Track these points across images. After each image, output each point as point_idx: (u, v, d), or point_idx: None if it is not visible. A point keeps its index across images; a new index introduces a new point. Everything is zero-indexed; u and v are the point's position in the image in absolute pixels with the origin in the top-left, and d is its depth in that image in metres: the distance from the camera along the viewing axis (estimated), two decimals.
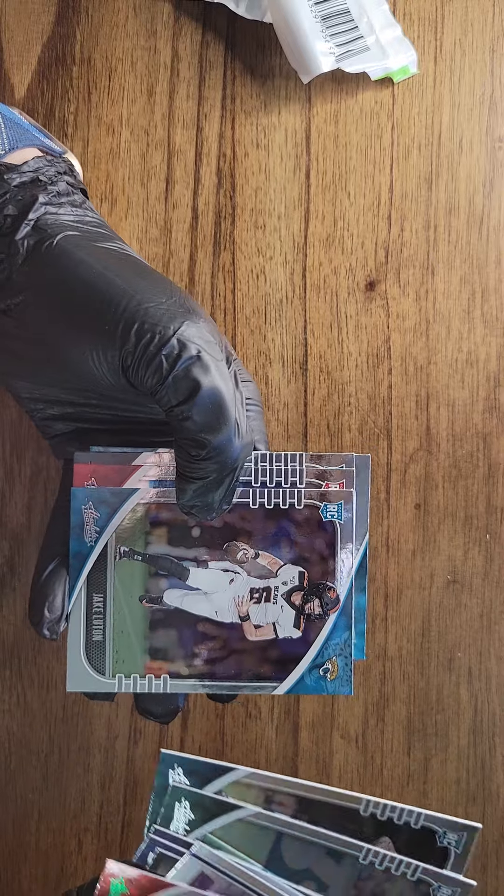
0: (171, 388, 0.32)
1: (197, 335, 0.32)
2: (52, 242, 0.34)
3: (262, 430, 0.38)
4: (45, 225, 0.35)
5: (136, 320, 0.32)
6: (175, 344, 0.32)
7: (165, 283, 0.34)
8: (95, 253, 0.34)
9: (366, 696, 0.45)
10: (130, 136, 0.45)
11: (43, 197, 0.35)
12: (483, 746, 0.45)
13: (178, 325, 0.32)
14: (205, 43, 0.45)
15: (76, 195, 0.37)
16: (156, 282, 0.34)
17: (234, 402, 0.33)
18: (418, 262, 0.45)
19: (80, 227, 0.36)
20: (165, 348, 0.32)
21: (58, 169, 0.37)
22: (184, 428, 0.32)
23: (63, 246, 0.34)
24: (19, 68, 0.44)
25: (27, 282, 0.34)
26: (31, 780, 0.45)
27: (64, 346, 0.34)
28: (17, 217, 0.35)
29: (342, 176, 0.45)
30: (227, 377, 0.33)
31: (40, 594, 0.37)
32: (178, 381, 0.32)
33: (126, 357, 0.32)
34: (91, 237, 0.35)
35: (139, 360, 0.32)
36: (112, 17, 0.45)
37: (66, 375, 0.36)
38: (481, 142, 0.45)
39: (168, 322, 0.32)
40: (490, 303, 0.45)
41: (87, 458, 0.37)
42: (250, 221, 0.45)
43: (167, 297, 0.33)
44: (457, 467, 0.45)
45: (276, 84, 0.45)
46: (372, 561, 0.45)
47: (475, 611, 0.45)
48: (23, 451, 0.44)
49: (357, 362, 0.45)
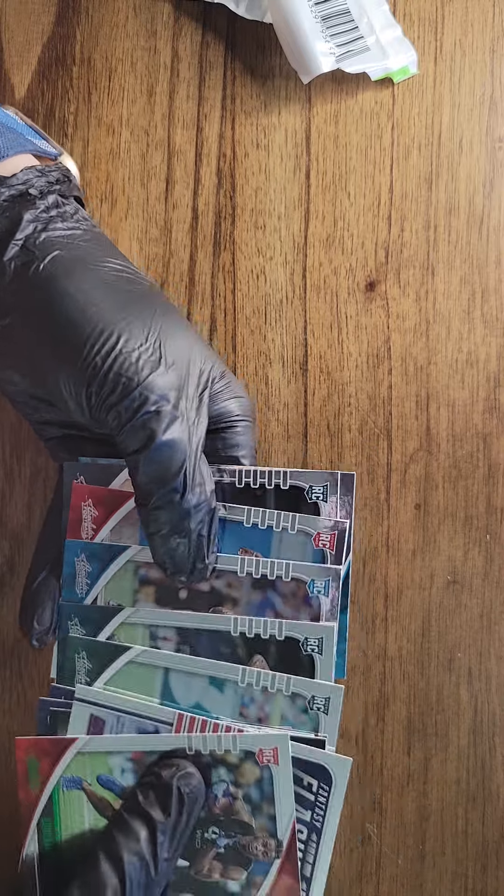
0: (127, 436, 0.33)
1: (161, 386, 0.33)
2: (39, 266, 0.34)
3: (250, 444, 0.38)
4: (33, 245, 0.35)
5: (104, 366, 0.33)
6: (136, 396, 0.32)
7: (148, 313, 0.34)
8: (80, 280, 0.34)
9: (366, 696, 0.45)
10: (130, 137, 0.45)
11: (30, 214, 0.35)
12: (483, 746, 0.45)
13: (143, 377, 0.33)
14: (205, 43, 0.45)
15: (68, 206, 0.37)
16: (138, 313, 0.34)
17: (189, 455, 0.33)
18: (418, 262, 0.45)
19: (70, 244, 0.35)
20: (126, 400, 0.32)
21: (49, 179, 0.37)
22: (135, 476, 0.33)
23: (50, 271, 0.34)
24: (19, 68, 0.44)
25: (15, 304, 0.35)
26: None
27: (44, 370, 0.35)
28: (4, 234, 0.35)
29: (342, 176, 0.45)
30: (186, 430, 0.33)
31: (30, 605, 0.38)
32: (136, 430, 0.33)
33: (90, 397, 0.33)
34: (80, 256, 0.35)
35: (101, 403, 0.33)
36: (112, 18, 0.45)
37: (48, 394, 0.36)
38: (481, 142, 0.45)
39: (135, 373, 0.33)
40: (490, 303, 0.45)
41: (75, 469, 0.38)
42: (250, 221, 0.45)
43: (145, 335, 0.34)
44: (457, 467, 0.45)
45: (276, 84, 0.45)
46: (372, 561, 0.45)
47: (475, 611, 0.45)
48: (23, 452, 0.44)
49: (357, 362, 0.45)
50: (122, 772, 0.35)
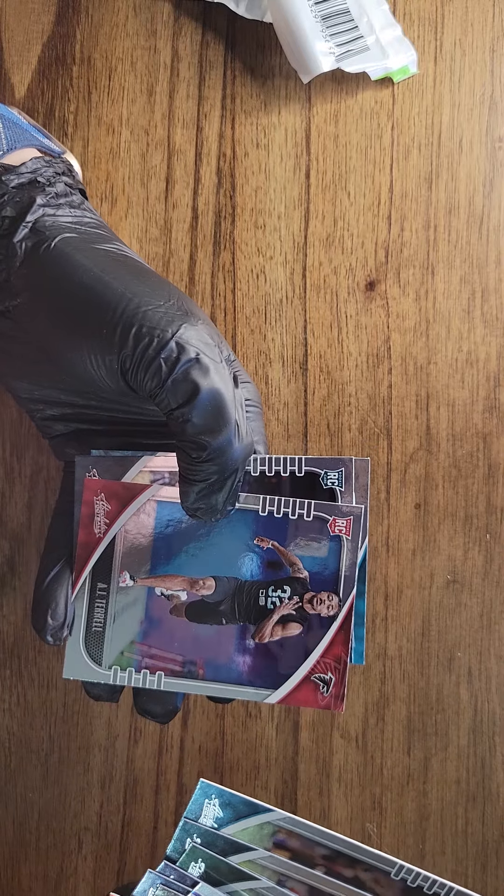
0: (170, 391, 0.32)
1: (195, 337, 0.32)
2: (50, 245, 0.34)
3: (262, 431, 0.38)
4: (43, 227, 0.35)
5: (134, 324, 0.32)
6: (173, 347, 0.32)
7: (164, 285, 0.34)
8: (93, 255, 0.34)
9: (366, 695, 0.45)
10: (130, 136, 0.45)
11: (41, 198, 0.35)
12: (483, 746, 0.45)
13: (176, 328, 0.32)
14: (205, 43, 0.45)
15: (74, 196, 0.37)
16: (154, 284, 0.34)
17: (234, 404, 0.33)
18: (418, 262, 0.45)
19: (79, 228, 0.36)
20: (164, 351, 0.32)
21: (56, 170, 0.37)
22: (184, 430, 0.32)
23: (61, 248, 0.34)
24: (19, 68, 0.44)
25: (25, 284, 0.34)
26: (31, 779, 0.45)
27: (62, 349, 0.34)
28: (14, 219, 0.35)
29: (342, 176, 0.45)
30: (226, 379, 0.32)
31: (43, 600, 0.37)
32: (178, 384, 0.32)
33: (124, 360, 0.32)
34: (89, 239, 0.35)
35: (138, 364, 0.32)
36: (112, 17, 0.45)
37: (64, 377, 0.36)
38: (481, 142, 0.45)
39: (166, 325, 0.32)
40: (490, 303, 0.45)
41: (87, 462, 0.37)
42: (250, 221, 0.45)
43: (165, 299, 0.33)
44: (457, 467, 0.45)
45: (276, 84, 0.45)
46: (372, 561, 0.45)
47: (475, 610, 0.45)
48: (23, 451, 0.44)
49: (357, 362, 0.45)
50: None
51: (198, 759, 0.45)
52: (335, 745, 0.45)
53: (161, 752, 0.45)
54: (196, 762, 0.45)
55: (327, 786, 0.45)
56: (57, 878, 0.45)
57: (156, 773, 0.45)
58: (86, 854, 0.45)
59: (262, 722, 0.45)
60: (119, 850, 0.45)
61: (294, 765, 0.45)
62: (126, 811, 0.45)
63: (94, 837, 0.45)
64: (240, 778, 0.45)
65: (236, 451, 0.33)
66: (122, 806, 0.45)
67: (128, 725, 0.45)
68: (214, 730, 0.45)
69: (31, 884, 0.45)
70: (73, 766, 0.45)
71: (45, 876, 0.45)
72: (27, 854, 0.45)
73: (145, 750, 0.45)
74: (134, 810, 0.45)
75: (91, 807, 0.45)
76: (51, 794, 0.45)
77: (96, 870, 0.45)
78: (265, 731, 0.45)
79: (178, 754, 0.45)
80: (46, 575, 0.37)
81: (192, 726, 0.45)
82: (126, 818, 0.45)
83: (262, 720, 0.45)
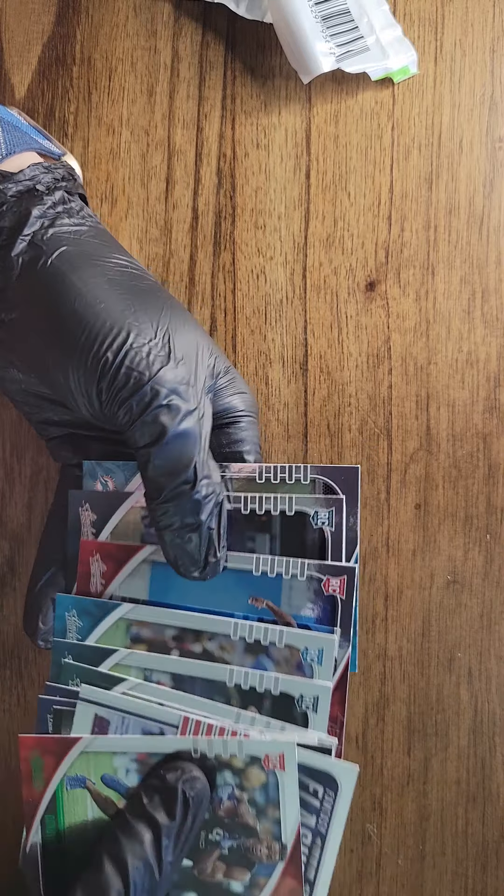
0: (138, 430, 0.33)
1: (172, 380, 0.33)
2: (47, 262, 0.34)
3: (254, 439, 0.38)
4: (41, 241, 0.35)
5: (116, 361, 0.33)
6: (147, 391, 0.33)
7: (156, 308, 0.35)
8: (89, 276, 0.34)
9: (366, 696, 0.45)
10: (130, 136, 0.45)
11: (38, 210, 0.35)
12: (483, 746, 0.45)
13: (153, 371, 0.33)
14: (205, 43, 0.45)
15: (74, 202, 0.37)
16: (146, 307, 0.34)
17: (200, 446, 0.33)
18: (418, 262, 0.45)
19: (77, 239, 0.36)
20: (138, 394, 0.33)
21: (55, 176, 0.37)
22: (146, 469, 0.33)
23: (57, 267, 0.34)
24: (19, 68, 0.44)
25: (21, 299, 0.35)
26: None
27: (49, 368, 0.35)
28: (12, 230, 0.35)
29: (342, 176, 0.45)
30: (193, 426, 0.33)
31: (34, 605, 0.37)
32: (146, 425, 0.33)
33: (101, 392, 0.33)
34: (87, 252, 0.35)
35: (112, 398, 0.33)
36: (112, 17, 0.45)
37: (54, 390, 0.36)
38: (481, 142, 0.45)
39: (145, 368, 0.33)
40: (490, 303, 0.45)
41: (80, 497, 0.38)
42: (250, 221, 0.45)
43: (154, 331, 0.34)
44: (457, 467, 0.45)
45: (277, 84, 0.45)
46: (372, 561, 0.45)
47: (475, 611, 0.45)
48: (23, 452, 0.44)
49: (357, 362, 0.45)
50: (126, 772, 0.35)
51: None
52: None
53: None
54: None
55: None
56: None
57: None
58: None
59: None
60: None
61: None
62: None
63: None
64: None
65: (196, 494, 0.34)
66: None
67: None
68: None
69: None
70: None
71: None
72: None
73: None
74: None
75: None
76: None
77: None
78: None
79: None
80: (38, 579, 0.38)
81: None
82: None
83: None
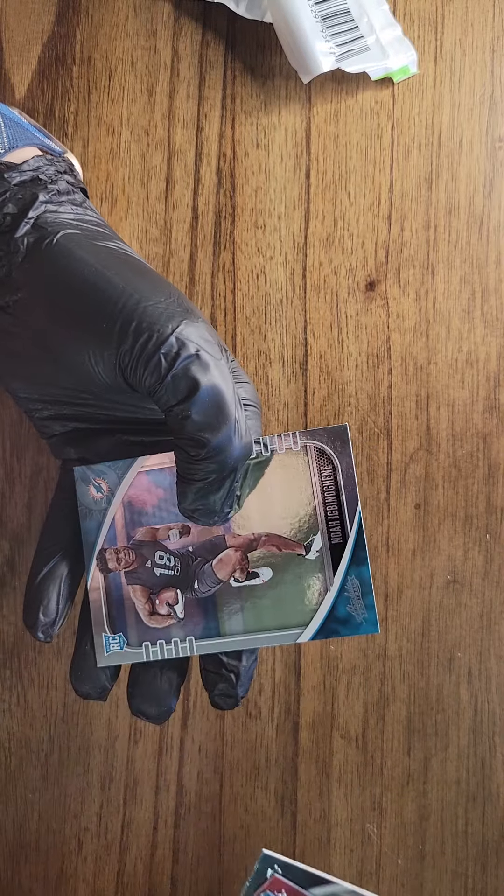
0: (169, 387, 0.32)
1: (195, 334, 0.32)
2: (52, 240, 0.34)
3: (259, 430, 0.38)
4: (45, 223, 0.35)
5: (134, 319, 0.32)
6: (174, 342, 0.31)
7: (164, 284, 0.34)
8: (95, 252, 0.34)
9: (366, 696, 0.45)
10: (130, 136, 0.45)
11: (43, 195, 0.35)
12: (483, 746, 0.45)
13: (176, 324, 0.32)
14: (205, 43, 0.45)
15: (76, 194, 0.37)
16: (154, 281, 0.34)
17: (234, 401, 0.32)
18: (418, 262, 0.45)
19: (81, 225, 0.36)
20: (164, 347, 0.31)
21: (58, 168, 0.37)
22: (183, 427, 0.32)
23: (63, 244, 0.34)
24: (19, 68, 0.44)
25: (26, 279, 0.34)
26: (31, 780, 0.45)
27: (61, 344, 0.34)
28: (16, 215, 0.35)
29: (342, 176, 0.45)
30: (226, 376, 0.32)
31: (35, 597, 0.37)
32: (178, 380, 0.31)
33: (123, 356, 0.32)
34: (91, 236, 0.35)
35: (137, 359, 0.32)
36: (112, 17, 0.45)
37: (63, 375, 0.36)
38: (481, 142, 0.45)
39: (166, 321, 0.32)
40: (490, 303, 0.45)
41: (88, 474, 0.37)
42: (250, 221, 0.45)
43: (165, 296, 0.33)
44: (457, 467, 0.45)
45: (276, 84, 0.45)
46: (372, 561, 0.45)
47: (475, 611, 0.45)
48: (23, 451, 0.44)
49: (357, 362, 0.45)
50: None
51: (198, 760, 0.45)
52: (335, 746, 0.45)
53: (161, 753, 0.45)
54: (196, 763, 0.45)
55: (327, 786, 0.45)
56: (57, 879, 0.45)
57: (156, 773, 0.45)
58: (86, 855, 0.45)
59: (262, 722, 0.45)
60: (119, 850, 0.45)
61: (294, 765, 0.45)
62: (126, 812, 0.45)
63: (94, 838, 0.45)
64: (240, 779, 0.45)
65: (236, 449, 0.32)
66: (122, 806, 0.45)
67: (128, 726, 0.45)
68: (214, 730, 0.45)
69: (31, 884, 0.45)
70: (72, 766, 0.45)
71: (46, 876, 0.45)
72: (27, 855, 0.45)
73: (145, 750, 0.45)
74: (134, 811, 0.45)
75: (91, 807, 0.45)
76: (51, 794, 0.45)
77: (96, 871, 0.45)
78: (265, 732, 0.45)
79: (177, 755, 0.45)
80: (39, 571, 0.37)
81: (191, 727, 0.45)
82: (126, 819, 0.45)
83: (261, 720, 0.45)
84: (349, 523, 0.36)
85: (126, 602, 0.37)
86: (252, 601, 0.36)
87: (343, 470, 0.36)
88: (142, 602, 0.37)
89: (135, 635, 0.37)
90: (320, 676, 0.45)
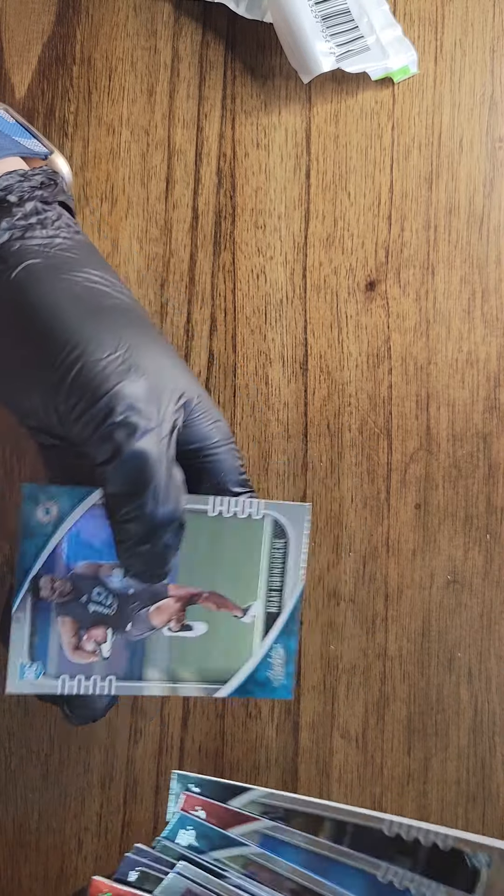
0: (94, 447, 0.32)
1: (130, 396, 0.32)
2: (11, 275, 0.34)
3: (236, 467, 0.37)
4: (7, 254, 0.34)
5: (71, 376, 0.32)
6: (103, 406, 0.32)
7: (119, 325, 0.34)
8: (52, 289, 0.34)
9: (366, 695, 0.45)
10: (130, 136, 0.45)
11: (6, 222, 0.35)
12: (483, 746, 0.45)
13: (110, 386, 0.32)
14: (205, 43, 0.45)
15: (50, 212, 0.36)
16: (109, 323, 0.33)
17: (160, 466, 0.32)
18: (418, 262, 0.45)
19: (46, 252, 0.35)
20: (94, 408, 0.32)
21: (32, 183, 0.36)
22: (105, 487, 0.33)
23: (21, 280, 0.34)
24: (19, 68, 0.44)
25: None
26: (31, 779, 0.45)
27: (17, 382, 0.34)
28: None
29: (342, 176, 0.45)
30: (152, 442, 0.32)
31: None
32: (102, 442, 0.32)
33: (58, 407, 0.33)
34: (55, 265, 0.35)
35: (69, 415, 0.32)
36: (112, 17, 0.45)
37: (18, 411, 0.36)
38: (481, 142, 0.45)
39: (101, 382, 0.32)
40: (490, 303, 0.45)
41: (36, 492, 0.35)
42: (250, 221, 0.45)
43: (112, 349, 0.33)
44: (457, 467, 0.45)
45: (277, 84, 0.45)
46: (372, 561, 0.45)
47: (475, 611, 0.45)
48: (23, 452, 0.44)
49: (357, 362, 0.45)
50: None
51: (198, 760, 0.45)
52: (335, 746, 0.45)
53: (161, 753, 0.45)
54: (196, 762, 0.45)
55: (327, 786, 0.45)
56: (57, 879, 0.45)
57: (156, 773, 0.45)
58: (86, 854, 0.45)
59: (262, 722, 0.45)
60: (119, 850, 0.45)
61: (294, 765, 0.45)
62: (126, 811, 0.45)
63: (95, 838, 0.45)
64: (240, 778, 0.45)
65: (154, 517, 0.32)
66: (122, 806, 0.45)
67: (128, 726, 0.45)
68: (214, 730, 0.45)
69: (31, 884, 0.45)
70: (73, 766, 0.45)
71: (46, 876, 0.45)
72: (27, 854, 0.45)
73: (145, 750, 0.45)
74: (134, 810, 0.45)
75: (91, 807, 0.45)
76: (51, 794, 0.45)
77: (96, 870, 0.45)
78: (265, 732, 0.45)
79: (177, 755, 0.45)
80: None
81: (191, 727, 0.45)
82: (126, 818, 0.45)
83: (261, 720, 0.45)
84: (289, 597, 0.37)
85: (52, 632, 0.36)
86: (180, 652, 0.36)
87: (293, 547, 0.36)
88: (69, 636, 0.36)
89: (54, 666, 0.36)
90: (320, 676, 0.45)
